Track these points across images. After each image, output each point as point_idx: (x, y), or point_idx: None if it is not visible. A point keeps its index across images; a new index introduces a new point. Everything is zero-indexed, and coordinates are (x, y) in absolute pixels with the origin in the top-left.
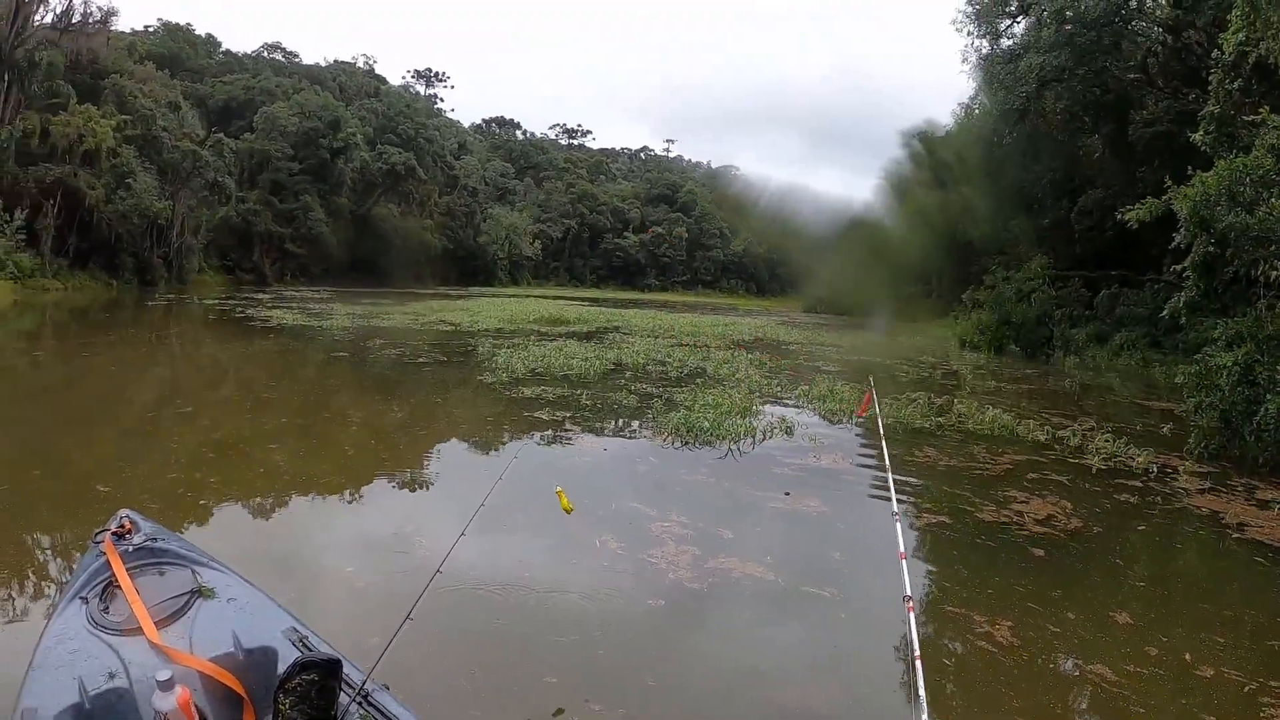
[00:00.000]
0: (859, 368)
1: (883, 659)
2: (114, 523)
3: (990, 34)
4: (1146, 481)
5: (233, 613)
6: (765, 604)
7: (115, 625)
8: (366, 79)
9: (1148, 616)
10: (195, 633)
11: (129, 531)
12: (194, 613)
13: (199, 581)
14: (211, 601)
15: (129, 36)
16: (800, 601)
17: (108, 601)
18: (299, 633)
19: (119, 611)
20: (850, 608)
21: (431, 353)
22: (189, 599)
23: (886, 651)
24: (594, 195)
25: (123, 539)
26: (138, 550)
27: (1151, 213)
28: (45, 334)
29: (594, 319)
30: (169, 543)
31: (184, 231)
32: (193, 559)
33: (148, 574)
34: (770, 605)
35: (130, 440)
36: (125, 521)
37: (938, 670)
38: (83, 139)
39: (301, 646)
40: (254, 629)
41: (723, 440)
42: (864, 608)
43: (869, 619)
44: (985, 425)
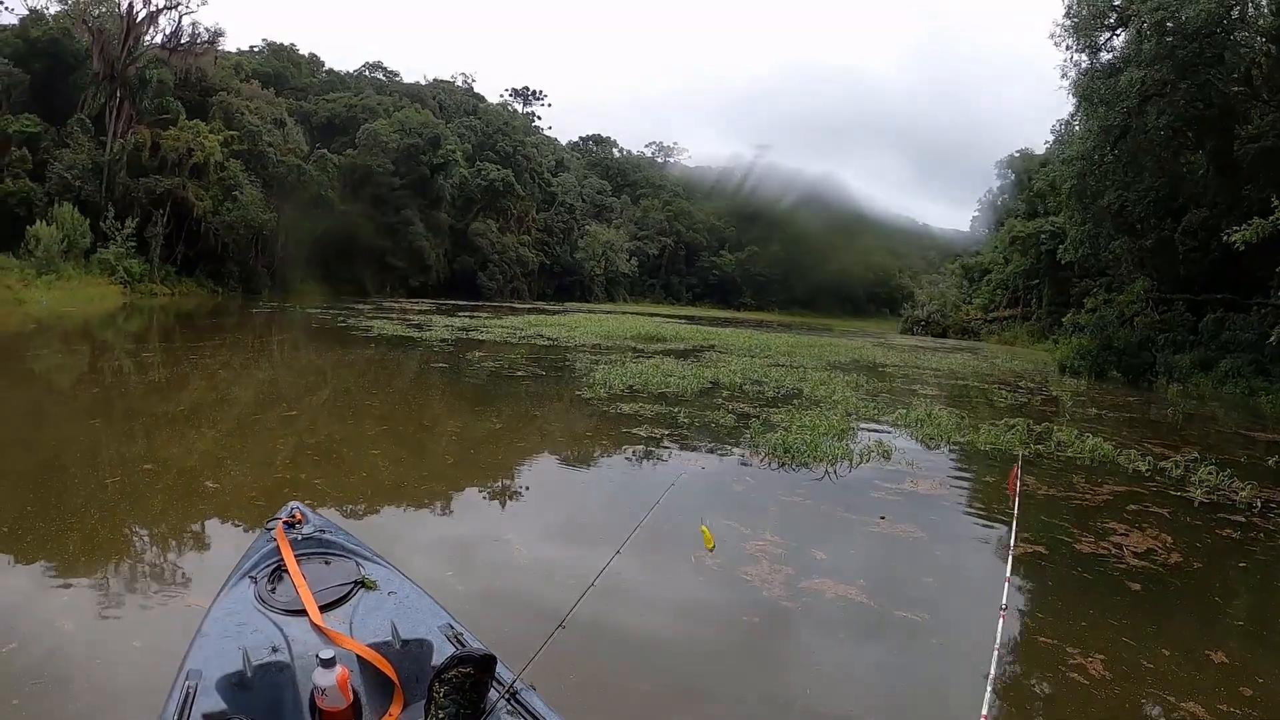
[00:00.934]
0: (957, 391)
1: (967, 687)
2: (285, 513)
3: (1089, 48)
4: (1249, 516)
5: (393, 605)
6: (856, 626)
7: (281, 605)
8: (465, 97)
9: (1244, 656)
10: (356, 620)
11: (299, 522)
12: (356, 601)
13: (362, 573)
14: (373, 593)
15: (235, 56)
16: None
17: (275, 583)
18: (454, 629)
19: (285, 593)
20: (942, 635)
21: (530, 366)
22: (352, 589)
23: (974, 680)
24: (690, 213)
25: (292, 528)
26: (306, 539)
27: (1258, 234)
28: (154, 336)
29: (690, 337)
30: (336, 535)
31: (287, 242)
32: (358, 552)
33: (314, 562)
34: (861, 627)
35: (235, 440)
36: (296, 512)
37: (1027, 700)
38: (191, 153)
39: (456, 642)
40: (412, 622)
41: (819, 462)
42: (955, 635)
43: (958, 647)
44: (1085, 454)
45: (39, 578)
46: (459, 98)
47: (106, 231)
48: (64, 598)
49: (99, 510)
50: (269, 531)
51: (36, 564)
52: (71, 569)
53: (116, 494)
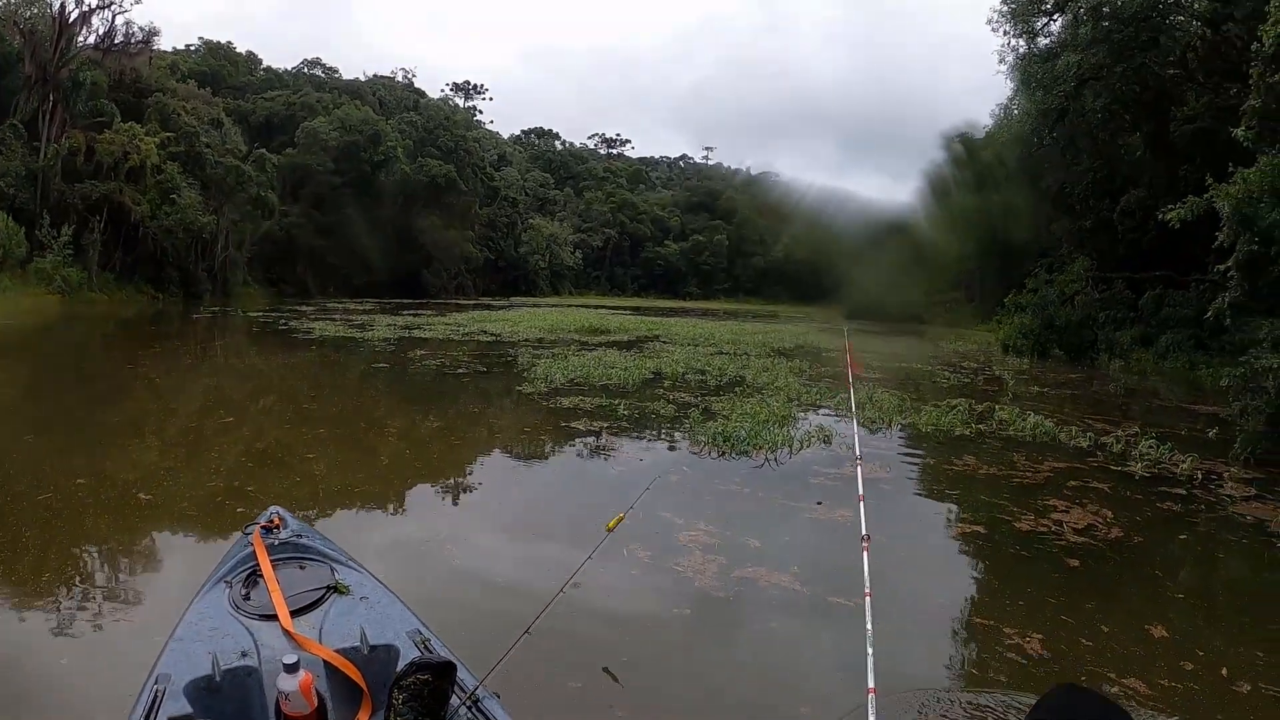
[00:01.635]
0: (900, 374)
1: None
2: (264, 518)
3: (1027, 33)
4: (1190, 488)
5: (364, 610)
6: (789, 613)
7: (254, 610)
8: (406, 92)
9: (1185, 629)
10: (326, 625)
11: (277, 527)
12: (327, 607)
13: (336, 578)
14: (345, 598)
15: (171, 55)
16: (824, 612)
17: (249, 588)
18: (422, 635)
19: (259, 598)
20: (880, 619)
21: (472, 363)
22: (324, 594)
23: (908, 653)
24: (634, 204)
25: (270, 533)
26: (282, 545)
27: (1193, 211)
28: (93, 346)
29: (634, 328)
30: (312, 540)
31: (227, 245)
32: (333, 557)
33: (289, 567)
34: (794, 615)
35: (174, 450)
36: (274, 517)
37: (967, 682)
38: (127, 156)
39: (423, 648)
40: (381, 627)
41: (759, 450)
42: (889, 615)
43: (891, 625)
44: (1027, 432)
45: None
46: (399, 93)
47: (42, 240)
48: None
49: (31, 528)
50: (246, 536)
51: None
52: (5, 588)
53: (49, 510)
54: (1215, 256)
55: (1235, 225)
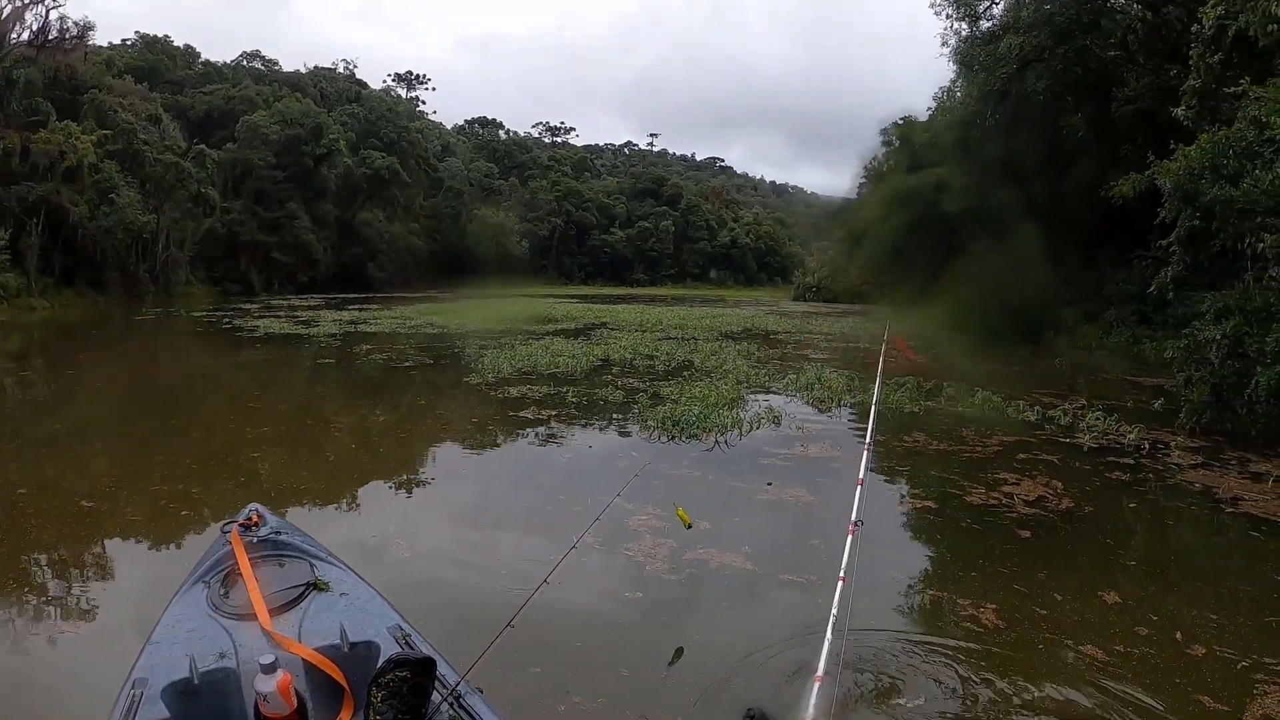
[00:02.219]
0: (847, 354)
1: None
2: (242, 515)
3: (968, 16)
4: (1138, 458)
5: (343, 607)
6: (741, 593)
7: (232, 610)
8: (347, 84)
9: (1138, 595)
10: (306, 623)
11: (255, 524)
12: (307, 604)
13: (315, 575)
14: (325, 595)
15: (107, 51)
16: (776, 589)
17: (228, 588)
18: (403, 630)
19: (237, 597)
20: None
21: (419, 356)
22: (304, 591)
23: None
24: (579, 192)
25: (249, 530)
26: (261, 542)
27: (1135, 188)
28: (33, 353)
29: (582, 316)
30: (292, 537)
31: (169, 245)
32: (313, 554)
33: (268, 565)
34: (744, 595)
35: (116, 455)
36: (253, 515)
37: (921, 655)
38: (64, 156)
39: (404, 644)
40: (361, 624)
41: (709, 433)
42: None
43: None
44: (975, 407)
45: None
46: (341, 85)
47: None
48: None
49: None
50: (225, 534)
51: None
52: None
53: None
54: (1158, 232)
55: (1177, 201)
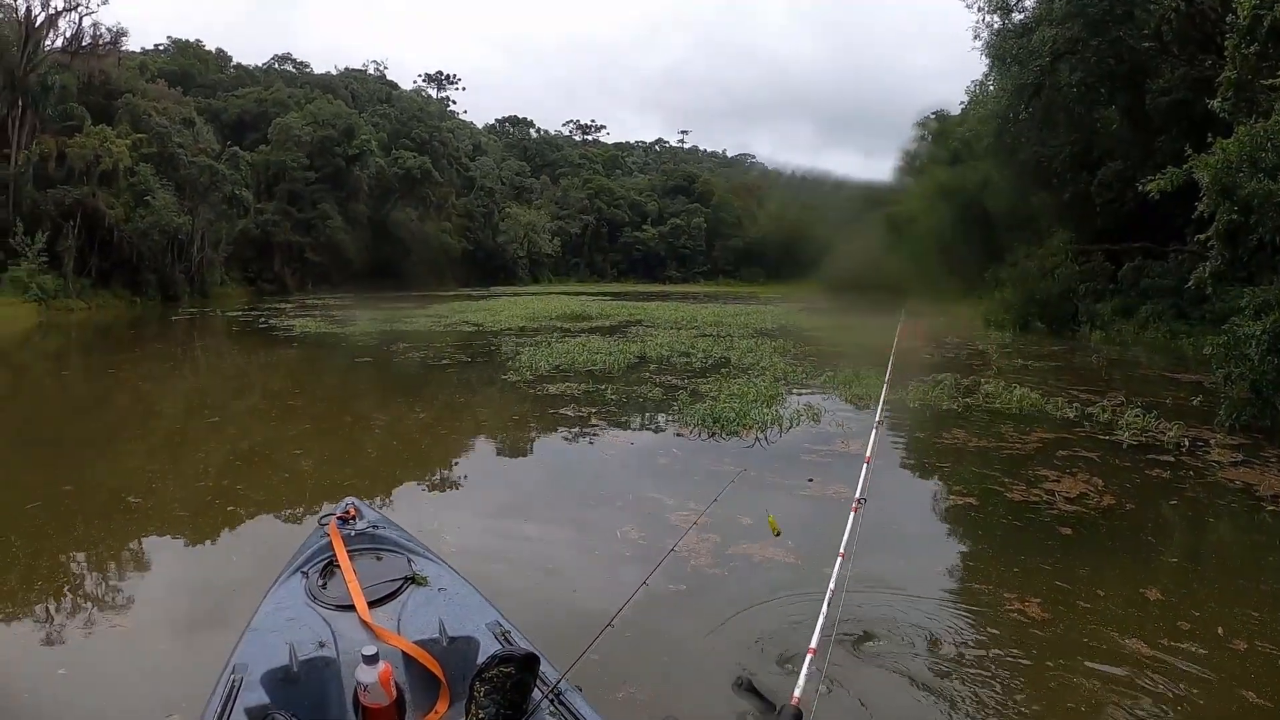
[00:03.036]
0: (883, 351)
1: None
2: (340, 508)
3: (1001, 8)
4: (1178, 456)
5: (442, 601)
6: (784, 585)
7: (331, 600)
8: (378, 85)
9: (1179, 592)
10: (404, 616)
11: (353, 517)
12: (405, 598)
13: (413, 569)
14: (423, 589)
15: (139, 56)
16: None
17: (326, 579)
18: (502, 627)
19: (335, 589)
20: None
21: (456, 354)
22: (402, 584)
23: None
24: (611, 190)
25: (346, 523)
26: (359, 535)
27: (1172, 182)
28: (72, 353)
29: (616, 313)
30: (389, 531)
31: (204, 246)
32: (410, 548)
33: (365, 558)
34: (788, 588)
35: (160, 454)
36: (350, 508)
37: (972, 641)
38: (99, 159)
39: (503, 640)
40: (460, 619)
41: (749, 430)
42: (889, 582)
43: (892, 592)
44: (1013, 404)
45: None
46: (371, 86)
47: (16, 248)
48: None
49: (21, 536)
50: (323, 527)
51: None
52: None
53: (38, 519)
54: (1195, 227)
55: (1215, 195)
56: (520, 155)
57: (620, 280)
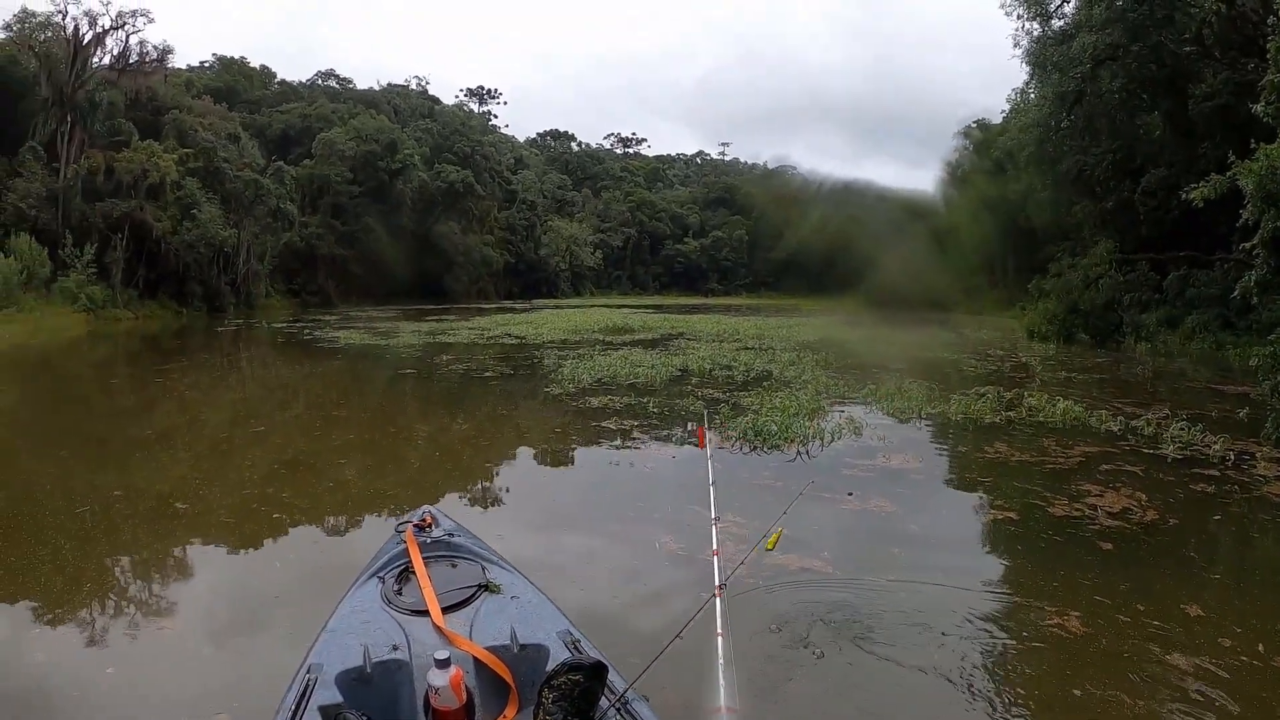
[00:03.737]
0: (926, 364)
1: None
2: (416, 516)
3: (1040, 15)
4: (1223, 470)
5: (514, 610)
6: (818, 594)
7: (405, 605)
8: (420, 100)
9: (1221, 608)
10: (477, 623)
11: (429, 525)
12: (478, 605)
13: (487, 577)
14: (496, 597)
15: (185, 73)
16: (856, 588)
17: (402, 584)
18: (573, 636)
19: (410, 594)
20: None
21: (499, 366)
22: (475, 592)
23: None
24: (652, 203)
25: (423, 531)
26: (435, 543)
27: (1216, 190)
28: (120, 362)
29: (658, 326)
30: (464, 540)
31: (249, 258)
32: (484, 557)
33: (440, 565)
34: (823, 596)
35: (207, 461)
36: (427, 516)
37: (1012, 654)
38: (147, 174)
39: (573, 649)
40: (531, 627)
41: (790, 443)
42: (930, 593)
43: (933, 602)
44: (1056, 417)
45: (11, 611)
46: (414, 101)
47: (66, 259)
48: (29, 630)
49: (70, 539)
50: (399, 534)
51: (17, 600)
52: (48, 601)
53: (87, 523)
54: (1240, 234)
55: (1260, 202)
56: (562, 169)
57: (662, 293)
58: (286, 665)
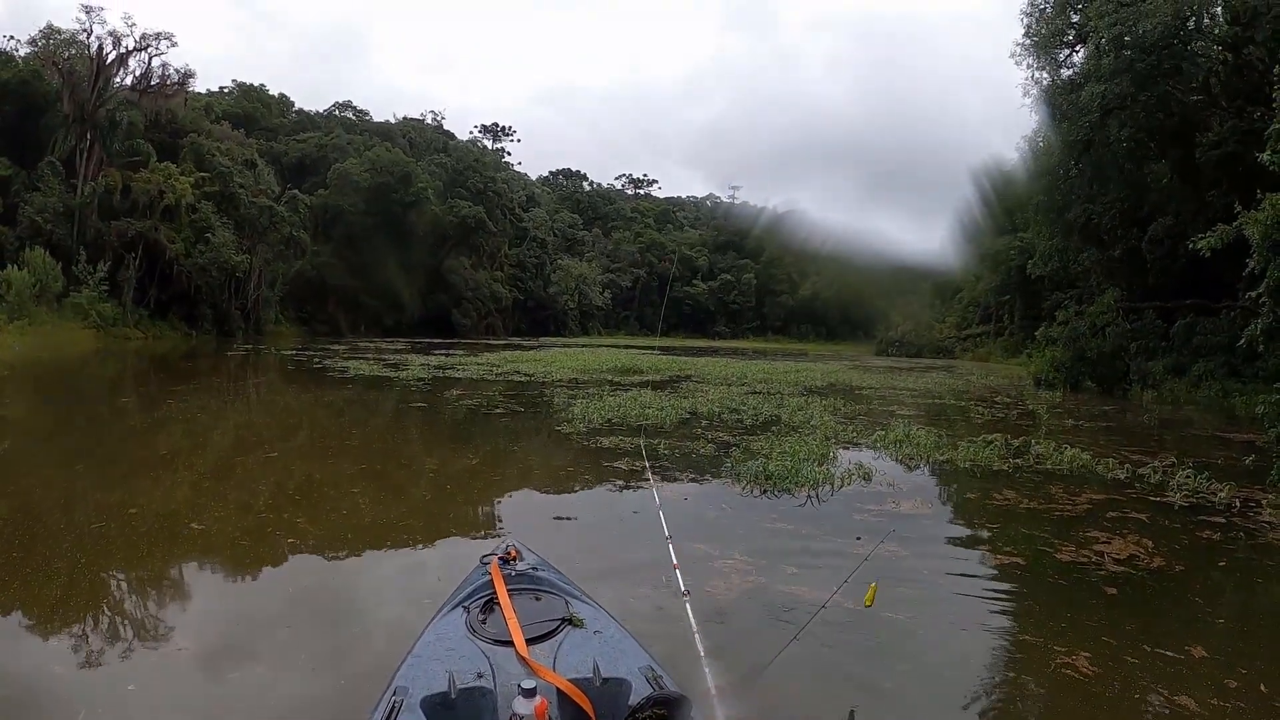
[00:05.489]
0: (934, 410)
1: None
2: (501, 549)
3: (1050, 65)
4: (1229, 517)
5: (597, 644)
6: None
7: (490, 635)
8: (435, 134)
9: (1226, 650)
10: (560, 655)
11: (514, 558)
12: (562, 637)
13: (570, 611)
14: (579, 630)
15: (205, 97)
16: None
17: (486, 614)
18: (655, 672)
19: (495, 624)
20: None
21: (508, 403)
22: (559, 625)
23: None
24: (662, 244)
25: (507, 563)
26: (519, 575)
27: (1222, 239)
28: (130, 380)
29: (666, 368)
30: (548, 573)
31: (261, 284)
32: (568, 591)
33: (524, 597)
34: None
35: (217, 483)
36: (511, 549)
37: (1027, 694)
38: (163, 195)
39: (655, 685)
40: (614, 661)
41: (801, 488)
42: (936, 635)
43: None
44: (1064, 465)
45: (14, 623)
46: (429, 135)
47: (79, 275)
48: (48, 645)
49: (86, 555)
50: (485, 565)
51: (14, 612)
52: (54, 618)
53: (102, 538)
54: (1246, 283)
55: (1265, 251)
56: (573, 208)
57: (670, 334)
58: (291, 688)
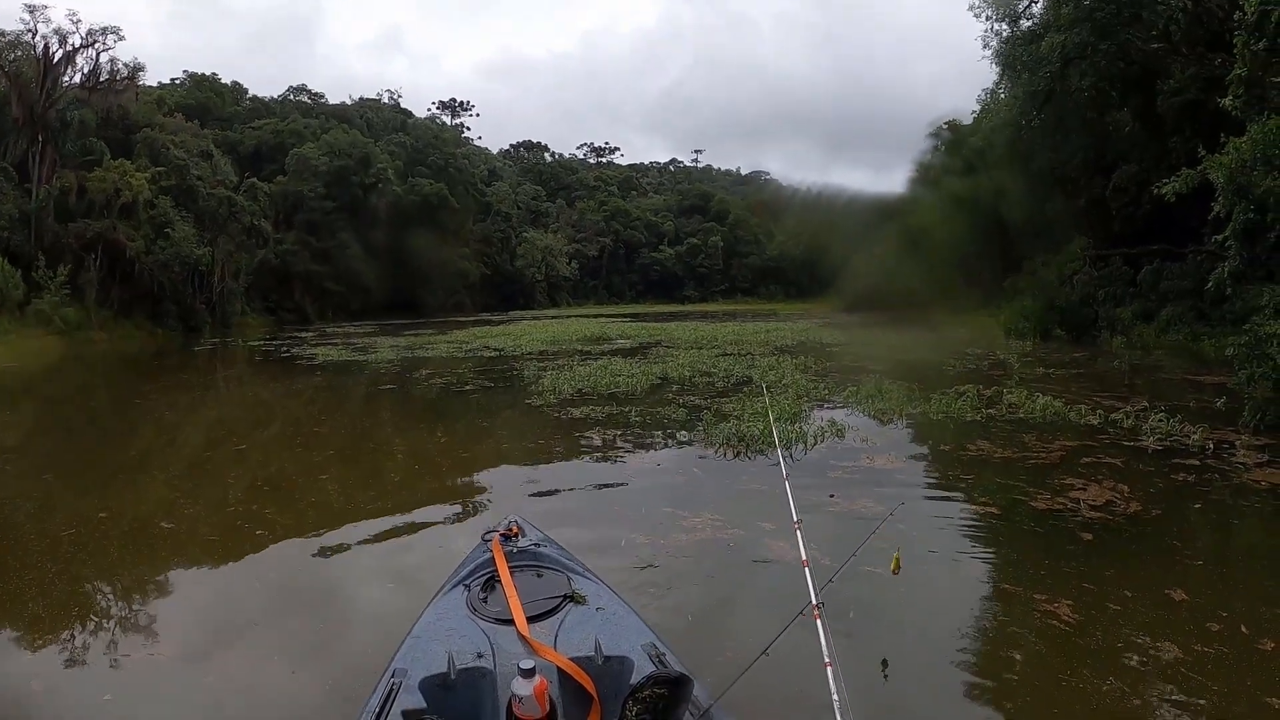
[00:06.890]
0: (905, 365)
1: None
2: (503, 526)
3: (1009, 16)
4: (1203, 459)
5: (599, 621)
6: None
7: (491, 613)
8: (393, 114)
9: (1205, 593)
10: (561, 633)
11: (516, 535)
12: (563, 615)
13: (572, 588)
14: (581, 607)
15: (157, 90)
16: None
17: (487, 593)
18: (657, 649)
19: (496, 603)
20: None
21: (478, 379)
22: (561, 602)
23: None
24: (627, 211)
25: (509, 540)
26: (521, 552)
27: (1187, 184)
28: (98, 385)
29: (636, 334)
30: (550, 550)
31: (224, 276)
32: (570, 567)
33: (526, 574)
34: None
35: (188, 481)
36: (513, 526)
37: (1013, 642)
38: (119, 193)
39: (658, 662)
40: (616, 638)
41: (773, 447)
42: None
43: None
44: (1036, 413)
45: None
46: (386, 115)
47: (39, 281)
48: (20, 659)
49: (57, 562)
50: (486, 543)
51: (5, 627)
52: (27, 627)
53: (74, 544)
54: (1212, 227)
55: (1230, 195)
56: (535, 180)
57: (639, 301)
58: (273, 686)
